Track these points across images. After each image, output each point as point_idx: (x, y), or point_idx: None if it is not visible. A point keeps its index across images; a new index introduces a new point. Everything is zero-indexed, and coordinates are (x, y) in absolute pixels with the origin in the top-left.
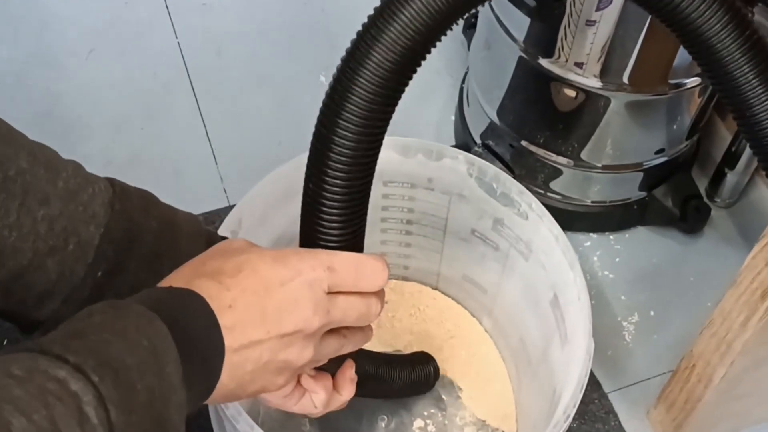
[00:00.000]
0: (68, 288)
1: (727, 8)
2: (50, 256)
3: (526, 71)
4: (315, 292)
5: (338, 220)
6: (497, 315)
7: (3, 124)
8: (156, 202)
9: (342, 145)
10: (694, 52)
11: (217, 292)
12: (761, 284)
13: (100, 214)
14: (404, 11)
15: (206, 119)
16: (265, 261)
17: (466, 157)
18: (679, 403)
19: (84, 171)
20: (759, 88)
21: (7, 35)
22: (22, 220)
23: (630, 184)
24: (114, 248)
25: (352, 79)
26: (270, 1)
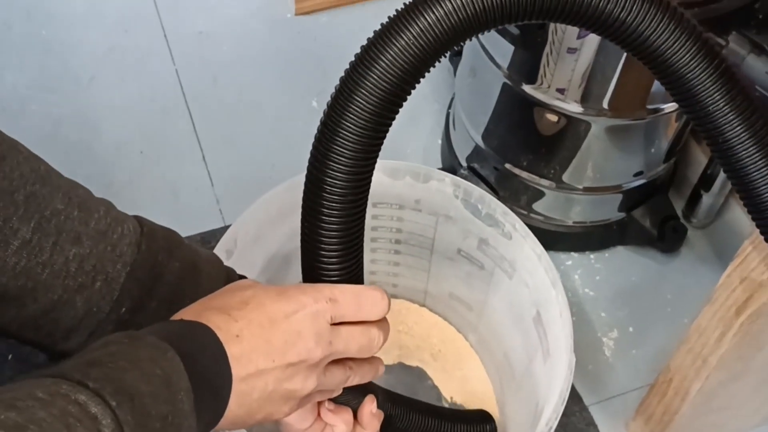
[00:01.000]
0: (94, 323)
1: (693, 38)
2: (79, 292)
3: (509, 97)
4: (318, 324)
5: (337, 256)
6: (482, 331)
7: (42, 164)
8: (180, 243)
9: (334, 185)
10: (664, 82)
11: (225, 323)
12: (735, 302)
13: (127, 254)
14: (383, 56)
15: (203, 143)
16: (270, 295)
17: (452, 180)
18: (657, 415)
19: (114, 210)
20: (730, 115)
21: (12, 62)
22: (55, 258)
23: (610, 205)
24: (138, 287)
25: (338, 123)
26: (264, 30)
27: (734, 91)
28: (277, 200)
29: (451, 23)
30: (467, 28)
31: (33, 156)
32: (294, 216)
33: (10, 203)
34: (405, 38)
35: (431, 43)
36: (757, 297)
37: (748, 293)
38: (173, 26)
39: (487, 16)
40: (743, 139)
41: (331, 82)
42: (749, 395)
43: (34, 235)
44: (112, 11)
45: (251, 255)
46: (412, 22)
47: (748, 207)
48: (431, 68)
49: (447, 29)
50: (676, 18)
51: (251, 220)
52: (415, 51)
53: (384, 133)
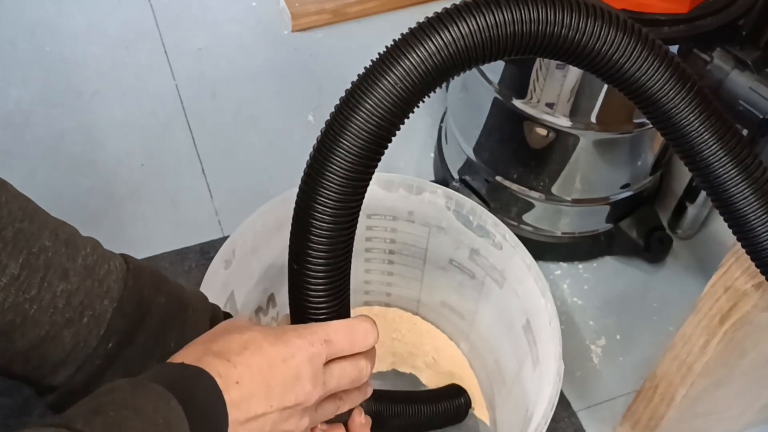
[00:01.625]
0: (82, 357)
1: (666, 63)
2: (66, 327)
3: (500, 111)
4: (314, 367)
5: (324, 295)
6: (474, 339)
7: (30, 203)
8: (166, 279)
9: (320, 227)
10: (643, 109)
11: (225, 369)
12: (719, 310)
13: (114, 290)
14: (368, 99)
15: (202, 156)
16: (268, 339)
17: (444, 192)
18: (643, 420)
19: (101, 248)
20: (705, 135)
21: (17, 77)
22: (43, 294)
23: (597, 216)
24: (125, 321)
25: (323, 166)
26: (261, 47)
27: (708, 112)
28: (274, 212)
29: (434, 63)
30: (450, 67)
31: (20, 194)
32: (289, 228)
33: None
34: (390, 79)
35: (415, 83)
36: (741, 306)
37: (731, 302)
38: (173, 43)
39: (469, 55)
40: (720, 156)
41: (327, 97)
42: (733, 401)
43: (22, 271)
44: (114, 28)
45: (249, 265)
46: (396, 63)
47: (728, 221)
48: (415, 108)
49: (430, 69)
50: (648, 45)
51: (249, 231)
52: (399, 92)
53: (370, 174)
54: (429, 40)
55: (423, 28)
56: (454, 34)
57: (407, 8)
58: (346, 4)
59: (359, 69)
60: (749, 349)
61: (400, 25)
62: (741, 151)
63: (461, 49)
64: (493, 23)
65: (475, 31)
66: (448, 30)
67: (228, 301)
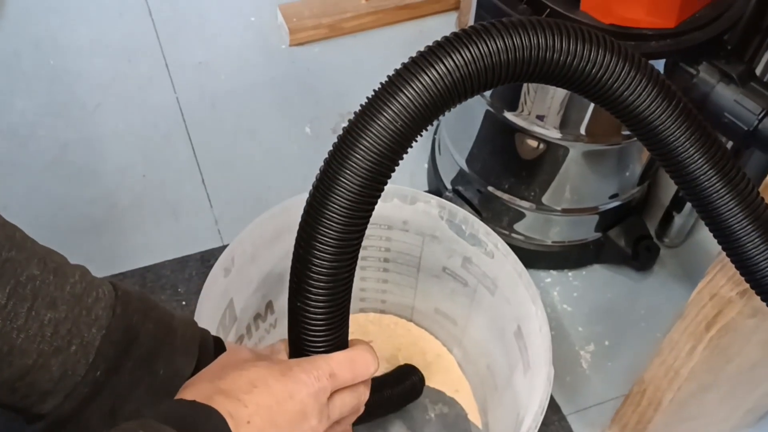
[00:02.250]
0: (70, 386)
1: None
2: (54, 356)
3: (492, 123)
4: (319, 402)
5: (324, 330)
6: (466, 345)
7: (18, 232)
8: (155, 305)
9: (320, 266)
10: (629, 125)
11: (236, 409)
12: (705, 317)
13: (102, 317)
14: (365, 138)
15: (202, 166)
16: (275, 376)
17: (437, 202)
18: (631, 424)
19: (89, 276)
20: (691, 150)
21: (21, 90)
22: (30, 323)
23: (587, 226)
24: (114, 349)
25: (323, 204)
26: (260, 60)
27: (693, 128)
28: (272, 221)
29: (429, 96)
30: (446, 100)
31: (8, 223)
32: (288, 236)
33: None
34: (387, 115)
35: (411, 119)
36: (726, 312)
37: (717, 309)
38: (174, 56)
39: (465, 87)
40: (705, 170)
41: (324, 110)
42: (718, 405)
43: (9, 300)
44: (117, 42)
45: (248, 273)
46: (392, 98)
47: (713, 231)
48: (413, 143)
49: (426, 103)
50: (635, 66)
51: (247, 240)
52: (396, 128)
53: (370, 211)
54: (424, 73)
55: (416, 62)
56: (448, 65)
57: (401, 23)
58: (342, 20)
59: (355, 82)
60: (734, 355)
61: (394, 39)
62: (725, 165)
63: (457, 80)
64: (486, 52)
65: (470, 61)
66: (442, 62)
67: (227, 308)
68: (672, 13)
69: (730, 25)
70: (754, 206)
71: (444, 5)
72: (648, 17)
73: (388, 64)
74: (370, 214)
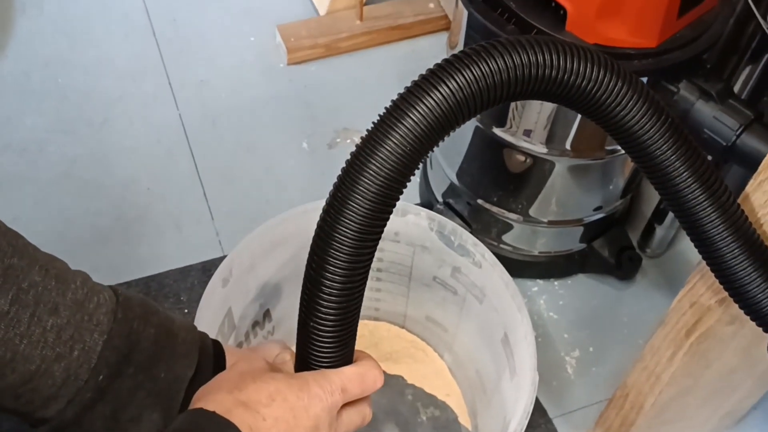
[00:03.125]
0: (73, 391)
1: (645, 100)
2: (57, 362)
3: (481, 139)
4: (330, 416)
5: (333, 349)
6: (456, 351)
7: (20, 239)
8: (155, 310)
9: (331, 287)
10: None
11: (256, 422)
12: (685, 324)
13: (103, 323)
14: (372, 162)
15: (203, 180)
16: (293, 390)
17: (427, 214)
18: (614, 427)
19: (90, 281)
20: (677, 163)
21: (31, 107)
22: (33, 329)
23: (572, 237)
24: (115, 354)
25: (333, 228)
26: (259, 79)
27: (678, 143)
28: (269, 233)
29: (434, 117)
30: (450, 121)
31: (10, 230)
32: (284, 248)
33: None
34: (393, 140)
35: (420, 139)
36: (705, 320)
37: (697, 316)
38: (177, 75)
39: (461, 112)
40: (689, 183)
41: (320, 126)
42: (698, 409)
43: (11, 306)
44: (122, 61)
45: (246, 283)
46: (398, 122)
47: (694, 241)
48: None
49: (430, 125)
50: (627, 82)
51: (246, 251)
52: (402, 153)
53: (379, 234)
54: (429, 95)
55: (420, 85)
56: (452, 86)
57: (394, 43)
58: (338, 39)
59: (350, 99)
60: (713, 361)
61: (387, 58)
62: (708, 178)
63: (461, 100)
64: (487, 72)
65: (472, 81)
66: (445, 84)
67: (226, 317)
68: (653, 33)
69: (709, 44)
70: (734, 218)
71: (435, 26)
72: (631, 37)
73: (382, 82)
74: (379, 236)
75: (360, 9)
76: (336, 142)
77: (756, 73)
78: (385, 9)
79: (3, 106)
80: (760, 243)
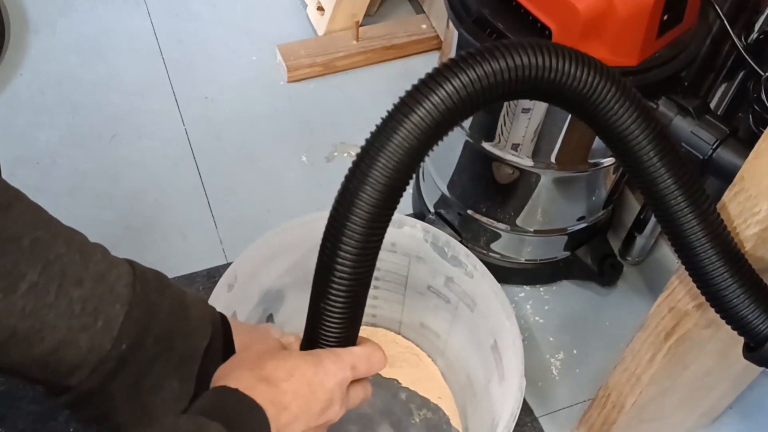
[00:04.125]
0: (96, 360)
1: (636, 107)
2: (82, 332)
3: (471, 153)
4: (342, 390)
5: (341, 328)
6: (448, 356)
7: (43, 212)
8: (168, 284)
9: (342, 270)
10: (609, 145)
11: (276, 396)
12: (664, 328)
13: (124, 294)
14: (381, 158)
15: (208, 192)
16: (309, 366)
17: (422, 226)
18: (597, 425)
19: (109, 255)
20: (661, 169)
21: (45, 122)
22: (60, 300)
23: (557, 245)
24: (135, 325)
25: (346, 216)
26: (260, 95)
27: (665, 150)
28: (271, 242)
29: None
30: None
31: (35, 204)
32: (286, 256)
33: (17, 249)
34: (400, 135)
35: (426, 132)
36: (683, 324)
37: (675, 321)
38: (183, 92)
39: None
40: (672, 189)
41: (318, 140)
42: (676, 408)
43: (40, 278)
44: (131, 79)
45: (249, 289)
46: (406, 118)
47: (675, 245)
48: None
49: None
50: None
51: (249, 259)
52: (409, 144)
53: (387, 221)
54: (434, 93)
55: (426, 82)
56: (463, 80)
57: (388, 62)
58: (335, 58)
59: (347, 115)
60: (690, 363)
61: (382, 76)
62: (692, 185)
63: (471, 93)
64: (489, 71)
65: (475, 80)
66: (458, 77)
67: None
68: (634, 52)
69: (687, 63)
70: (713, 225)
71: (427, 45)
72: (612, 56)
73: (377, 99)
74: (386, 224)
75: (356, 30)
76: (333, 156)
77: (731, 90)
78: (380, 30)
79: (18, 121)
80: (736, 251)
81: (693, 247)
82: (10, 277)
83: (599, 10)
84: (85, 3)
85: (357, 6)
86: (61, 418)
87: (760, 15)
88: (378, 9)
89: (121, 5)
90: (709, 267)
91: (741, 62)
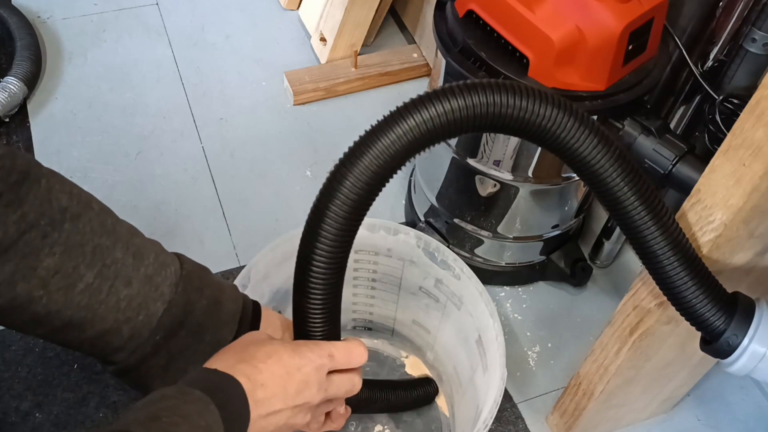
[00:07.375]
0: (135, 345)
1: (594, 134)
2: (126, 323)
3: (457, 167)
4: (320, 375)
5: (319, 322)
6: (437, 350)
7: (110, 218)
8: (209, 283)
9: (317, 272)
10: (575, 171)
11: (252, 373)
12: (629, 324)
13: (166, 293)
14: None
15: (223, 203)
16: (287, 351)
17: (415, 233)
18: (569, 410)
19: (162, 255)
20: (624, 188)
21: (77, 141)
22: (110, 297)
23: (533, 250)
24: (172, 320)
25: (319, 226)
26: (269, 118)
27: (626, 172)
28: (280, 247)
29: (406, 141)
30: (416, 146)
31: (104, 210)
32: (294, 259)
33: (80, 254)
34: (373, 152)
35: (390, 158)
36: (646, 320)
37: (639, 317)
38: (200, 114)
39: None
40: (634, 203)
41: (321, 157)
42: (639, 395)
43: (95, 279)
44: (154, 102)
45: (261, 289)
46: (377, 140)
47: (638, 252)
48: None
49: (400, 149)
50: (579, 119)
51: (261, 262)
52: (379, 163)
53: (352, 235)
54: (397, 125)
55: (395, 115)
56: (430, 113)
57: (384, 87)
58: (336, 84)
59: (347, 134)
60: (652, 355)
61: (378, 100)
62: (653, 201)
63: (433, 128)
64: (456, 107)
65: (441, 114)
66: (421, 112)
67: None
68: (602, 78)
69: (650, 88)
70: (673, 234)
71: (418, 72)
72: (583, 82)
73: (373, 120)
74: (353, 236)
75: (355, 58)
76: None
77: (689, 112)
78: (376, 58)
79: (54, 140)
80: (694, 255)
81: (655, 254)
82: (71, 277)
83: (571, 41)
84: (114, 34)
85: (355, 37)
86: (92, 403)
87: (715, 45)
88: (374, 40)
89: (145, 37)
90: (670, 270)
91: (698, 87)
